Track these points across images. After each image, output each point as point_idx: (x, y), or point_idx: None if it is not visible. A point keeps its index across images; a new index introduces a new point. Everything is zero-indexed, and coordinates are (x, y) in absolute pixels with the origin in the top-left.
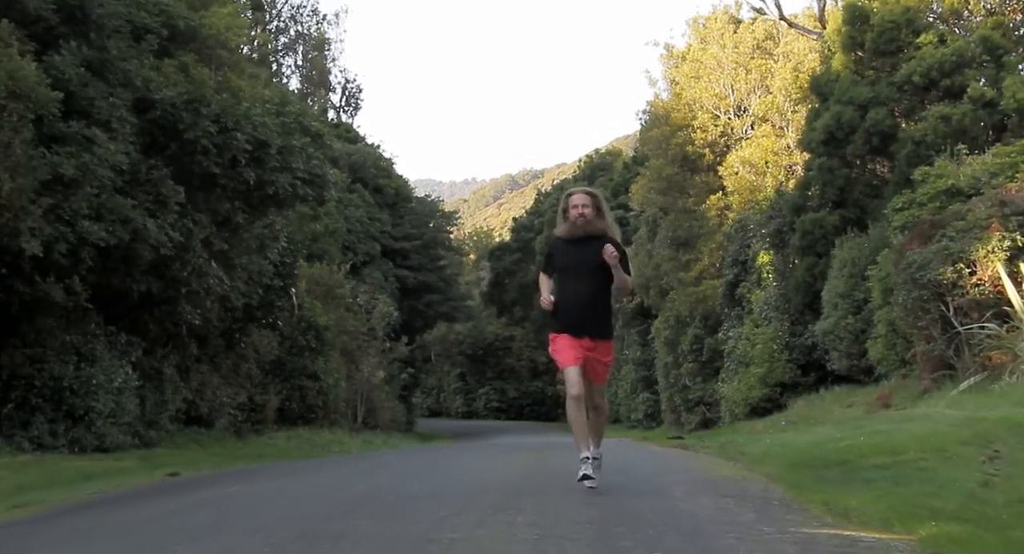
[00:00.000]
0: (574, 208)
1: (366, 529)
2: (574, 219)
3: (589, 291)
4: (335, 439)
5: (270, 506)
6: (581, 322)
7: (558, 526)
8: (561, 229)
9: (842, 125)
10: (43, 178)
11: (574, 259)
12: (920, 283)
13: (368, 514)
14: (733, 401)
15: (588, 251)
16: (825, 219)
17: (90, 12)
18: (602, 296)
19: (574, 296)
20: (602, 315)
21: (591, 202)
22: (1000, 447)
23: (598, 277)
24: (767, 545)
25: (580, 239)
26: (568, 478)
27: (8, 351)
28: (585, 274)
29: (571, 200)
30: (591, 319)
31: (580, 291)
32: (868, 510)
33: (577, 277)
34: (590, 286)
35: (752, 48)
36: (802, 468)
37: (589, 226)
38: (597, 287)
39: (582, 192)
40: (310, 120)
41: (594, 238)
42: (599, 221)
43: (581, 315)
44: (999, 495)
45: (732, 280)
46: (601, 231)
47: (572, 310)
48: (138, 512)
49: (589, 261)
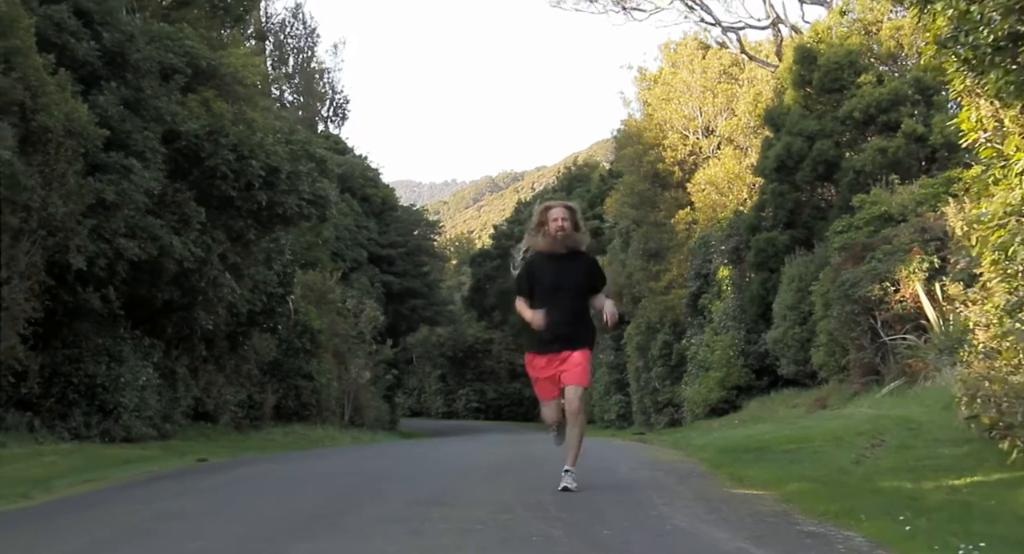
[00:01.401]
0: (554, 222)
1: (391, 490)
2: (554, 233)
3: (570, 306)
4: (327, 435)
5: (307, 478)
6: (560, 337)
7: (532, 488)
8: (542, 244)
9: (792, 154)
10: (89, 203)
11: (555, 275)
12: (852, 299)
13: (388, 481)
14: (694, 402)
15: (569, 267)
16: (777, 238)
17: (129, 56)
18: (582, 311)
19: (557, 312)
20: (581, 328)
21: (570, 216)
22: (887, 437)
23: (579, 292)
24: (674, 495)
25: (560, 255)
26: (540, 459)
27: (50, 352)
28: (566, 290)
29: (550, 214)
30: (570, 334)
31: (561, 306)
32: (758, 478)
33: (558, 293)
34: (571, 301)
35: (719, 73)
36: (727, 453)
37: (569, 240)
38: (577, 302)
39: (561, 206)
40: (315, 147)
41: (574, 254)
42: (577, 235)
43: (561, 331)
44: (860, 468)
45: (695, 291)
46: (580, 246)
47: (552, 326)
48: (198, 483)
49: (570, 277)
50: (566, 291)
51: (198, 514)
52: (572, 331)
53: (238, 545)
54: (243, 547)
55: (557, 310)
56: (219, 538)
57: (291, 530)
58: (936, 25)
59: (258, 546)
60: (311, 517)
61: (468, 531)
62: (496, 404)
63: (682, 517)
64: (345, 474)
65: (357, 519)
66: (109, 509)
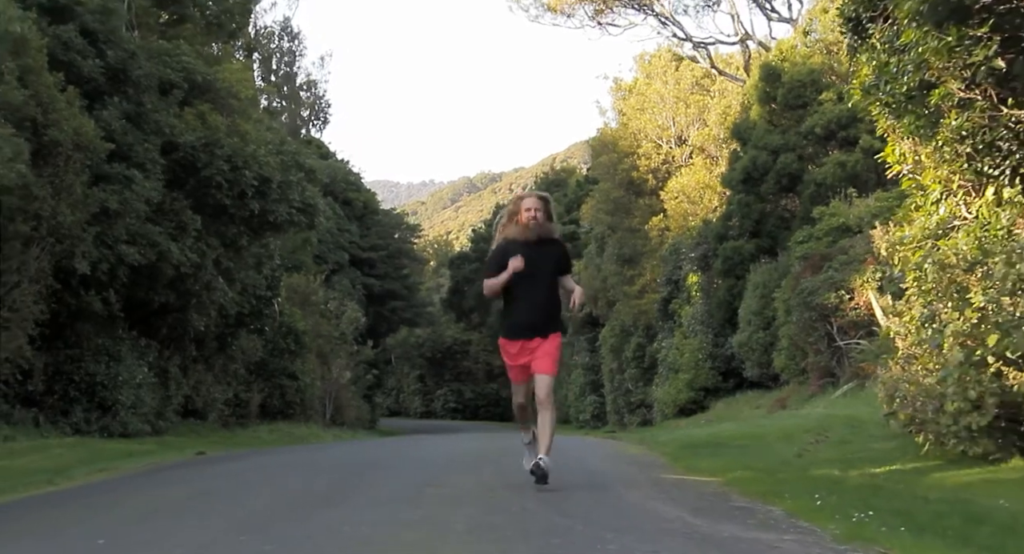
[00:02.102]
0: (527, 211)
1: (387, 475)
2: (527, 222)
3: (542, 293)
4: (311, 433)
5: (309, 466)
6: (532, 324)
7: (510, 473)
8: (514, 231)
9: (758, 167)
10: (93, 211)
11: (530, 262)
12: (811, 306)
13: (382, 469)
14: (664, 403)
15: (541, 254)
16: (743, 247)
17: (131, 72)
18: (553, 297)
19: (530, 298)
20: (553, 315)
21: (543, 206)
22: (831, 434)
23: (551, 279)
24: (633, 481)
25: (533, 242)
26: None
27: (53, 352)
28: (538, 276)
29: (523, 204)
30: (542, 320)
31: (534, 294)
32: (708, 468)
33: (531, 279)
34: (543, 288)
35: (691, 85)
36: (686, 448)
37: (541, 229)
38: (549, 289)
39: (534, 196)
40: (304, 157)
41: (546, 242)
42: (549, 224)
43: (533, 317)
44: (801, 460)
45: (666, 296)
46: (551, 235)
47: (528, 312)
48: (209, 470)
49: (542, 264)
50: (539, 278)
51: (225, 492)
52: (545, 317)
53: (270, 512)
54: (275, 514)
55: (530, 297)
56: (253, 507)
57: (309, 503)
58: (862, 73)
59: (287, 513)
60: (324, 494)
61: (458, 504)
62: (473, 404)
63: (637, 496)
64: (343, 463)
65: (363, 495)
66: (141, 490)
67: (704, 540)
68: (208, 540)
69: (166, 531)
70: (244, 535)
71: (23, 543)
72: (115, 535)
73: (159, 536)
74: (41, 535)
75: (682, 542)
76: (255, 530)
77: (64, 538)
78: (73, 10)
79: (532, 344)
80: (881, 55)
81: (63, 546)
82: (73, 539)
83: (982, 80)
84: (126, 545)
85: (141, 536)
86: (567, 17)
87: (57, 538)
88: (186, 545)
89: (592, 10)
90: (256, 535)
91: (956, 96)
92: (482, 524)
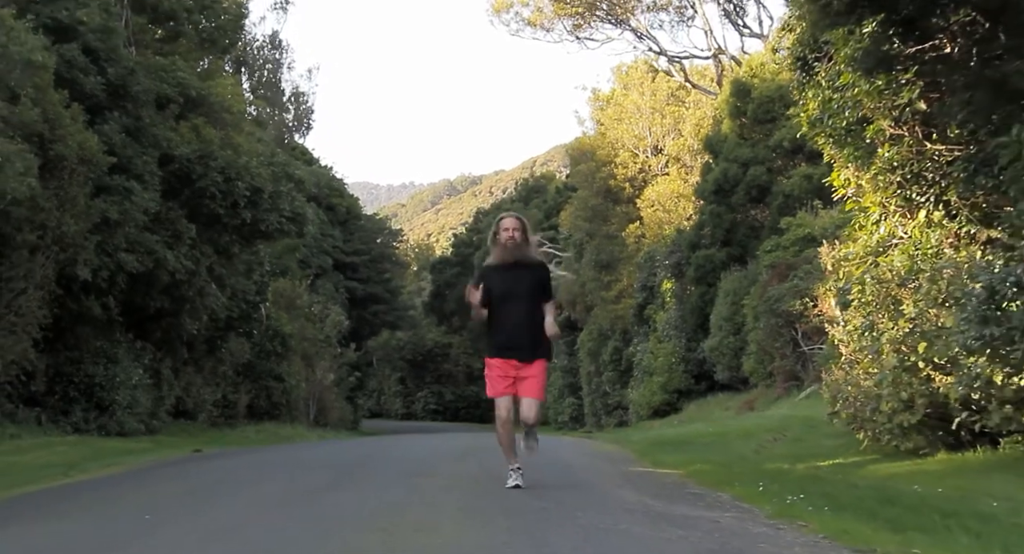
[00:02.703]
0: (505, 231)
1: (383, 467)
2: (504, 242)
3: (523, 315)
4: (296, 433)
5: (307, 461)
6: (516, 345)
7: (492, 466)
8: (495, 255)
9: (728, 179)
10: (95, 221)
11: (508, 285)
12: (777, 312)
13: (377, 462)
14: (639, 405)
15: (521, 276)
16: (714, 255)
17: (130, 88)
18: (535, 318)
19: (509, 320)
20: (536, 337)
21: (520, 226)
22: (788, 432)
23: (532, 300)
24: (603, 472)
25: (511, 265)
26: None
27: (54, 354)
28: (520, 298)
29: (502, 224)
30: (526, 341)
31: (514, 315)
32: (672, 462)
33: (511, 302)
34: (523, 310)
35: (667, 96)
36: (655, 445)
37: (518, 251)
38: (530, 310)
39: (512, 216)
40: (293, 169)
41: (523, 265)
42: (527, 246)
43: (516, 338)
44: (757, 456)
45: (641, 302)
46: (528, 258)
47: (507, 333)
48: (215, 464)
49: (520, 286)
50: (517, 298)
51: (241, 481)
52: (528, 337)
53: (286, 496)
54: (290, 498)
55: (510, 317)
56: (270, 492)
57: (319, 489)
58: (809, 107)
59: (300, 497)
60: (330, 481)
61: (449, 489)
62: (454, 406)
63: (605, 484)
64: (340, 458)
65: (366, 482)
66: (162, 479)
67: (658, 516)
68: (241, 516)
69: (200, 509)
70: (269, 512)
71: (82, 518)
72: (157, 511)
73: (196, 512)
74: (95, 513)
75: (640, 518)
76: (276, 509)
77: (112, 515)
78: (76, 29)
79: (516, 364)
80: (825, 92)
81: (118, 519)
82: (123, 514)
83: (908, 119)
84: (171, 517)
85: (181, 511)
86: (546, 31)
87: (106, 515)
88: (223, 519)
89: (571, 24)
90: (278, 512)
91: (887, 132)
92: (470, 506)
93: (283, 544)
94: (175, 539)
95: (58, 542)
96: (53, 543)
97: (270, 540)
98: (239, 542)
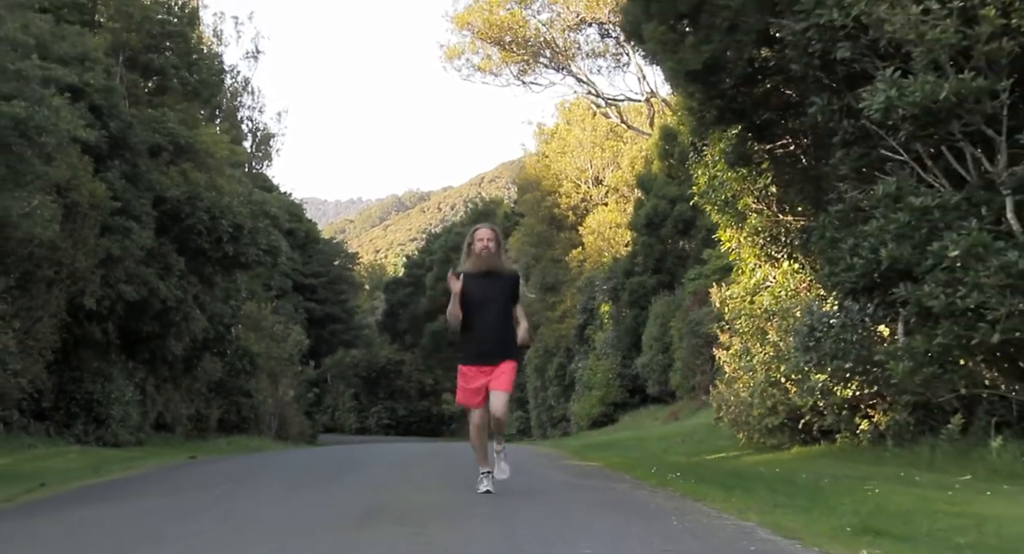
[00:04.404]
0: (480, 241)
1: (369, 463)
2: (479, 251)
3: (496, 321)
4: (264, 444)
5: (300, 461)
6: (490, 351)
7: (459, 463)
8: (468, 264)
9: (658, 213)
10: (101, 257)
11: (482, 292)
12: (697, 334)
13: (362, 460)
14: (580, 416)
15: (494, 286)
16: (646, 282)
17: (129, 140)
18: (507, 324)
19: (482, 326)
20: (508, 341)
21: (494, 236)
22: (695, 436)
23: (503, 308)
24: (542, 464)
25: (485, 274)
26: (460, 451)
27: (60, 374)
28: (494, 306)
29: (477, 234)
30: (499, 347)
31: (488, 322)
32: (596, 457)
33: (485, 309)
34: (497, 317)
35: (606, 131)
36: (587, 447)
37: (492, 260)
38: (502, 317)
39: (487, 227)
40: (270, 206)
41: (496, 273)
42: (500, 256)
43: (489, 344)
44: (664, 454)
45: (582, 323)
46: (501, 267)
47: (481, 339)
48: (218, 465)
49: (495, 295)
50: (491, 306)
51: (261, 473)
52: (501, 344)
53: (305, 480)
54: (308, 481)
55: (484, 324)
56: (290, 478)
57: (324, 478)
58: (700, 182)
59: (317, 480)
60: (330, 472)
61: (430, 474)
62: (406, 420)
63: (542, 470)
64: (327, 459)
65: (365, 470)
66: (189, 476)
67: (577, 487)
68: (280, 492)
69: (244, 489)
70: (302, 489)
71: (157, 497)
72: (212, 491)
73: (244, 491)
74: (163, 494)
75: (562, 487)
76: (302, 488)
77: (181, 496)
78: (84, 90)
79: (488, 369)
80: (710, 170)
81: (189, 498)
82: (189, 495)
83: (766, 198)
84: (231, 495)
85: (235, 491)
86: (495, 76)
87: (174, 496)
88: (267, 494)
89: (517, 70)
90: (309, 488)
91: (752, 206)
92: (446, 481)
93: (329, 501)
94: (238, 506)
95: (158, 508)
96: (156, 507)
97: (316, 502)
98: (291, 505)
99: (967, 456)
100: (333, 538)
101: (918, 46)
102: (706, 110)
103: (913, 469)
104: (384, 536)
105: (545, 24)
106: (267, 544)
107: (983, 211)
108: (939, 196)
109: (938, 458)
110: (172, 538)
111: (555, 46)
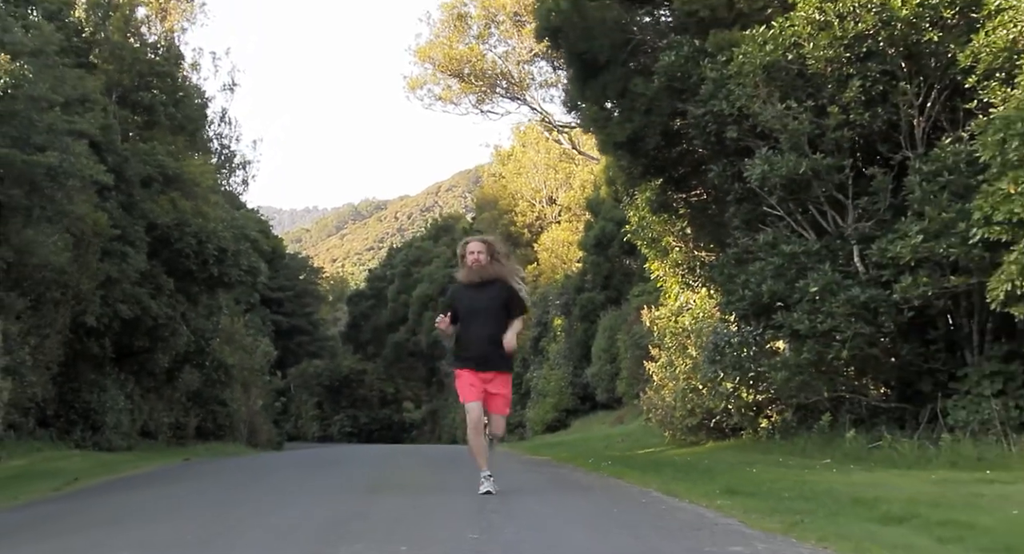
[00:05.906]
0: (471, 254)
1: (355, 460)
2: (471, 264)
3: (489, 330)
4: (239, 450)
5: (290, 460)
6: (483, 358)
7: (438, 459)
8: (461, 275)
9: (605, 235)
10: (101, 279)
11: (474, 302)
12: (640, 346)
13: (347, 457)
14: (535, 422)
15: (486, 294)
16: (595, 297)
17: (125, 172)
18: (498, 334)
19: (476, 335)
20: (499, 350)
21: (485, 249)
22: (633, 436)
23: (496, 317)
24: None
25: (478, 284)
26: (427, 449)
27: (61, 385)
28: (485, 315)
29: (467, 248)
30: (492, 355)
31: (481, 330)
32: (547, 453)
33: (478, 318)
34: (490, 325)
35: (560, 154)
36: (539, 446)
37: (484, 271)
38: (496, 326)
39: (478, 240)
40: (251, 230)
41: (489, 282)
42: (492, 266)
43: (482, 351)
44: (605, 451)
45: (536, 336)
46: (494, 275)
47: (474, 347)
48: (219, 465)
49: (488, 303)
50: (482, 315)
51: (265, 469)
52: (491, 351)
53: (307, 472)
54: (319, 470)
55: (475, 332)
56: (292, 473)
57: (326, 466)
58: (633, 221)
59: (317, 471)
60: (323, 464)
61: (414, 468)
62: (368, 428)
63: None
64: (315, 457)
65: (358, 463)
66: (200, 473)
67: (530, 471)
68: (294, 479)
69: (261, 480)
70: (314, 474)
71: (188, 486)
72: (234, 480)
73: (263, 479)
74: (191, 482)
75: (520, 471)
76: (315, 473)
77: (211, 482)
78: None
79: (483, 374)
80: (640, 212)
81: (222, 483)
82: (211, 484)
83: (683, 237)
84: (254, 481)
85: (254, 481)
86: (455, 105)
87: (204, 482)
88: (283, 482)
89: (475, 99)
90: (317, 474)
91: (672, 244)
92: (429, 469)
93: (345, 482)
94: (273, 482)
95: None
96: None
97: (330, 481)
98: (314, 480)
99: (830, 445)
100: (356, 499)
101: (783, 133)
102: (633, 168)
103: (790, 456)
104: (391, 499)
105: (501, 57)
106: (310, 499)
107: (837, 256)
108: (804, 244)
109: (809, 447)
110: (236, 502)
111: (511, 77)
